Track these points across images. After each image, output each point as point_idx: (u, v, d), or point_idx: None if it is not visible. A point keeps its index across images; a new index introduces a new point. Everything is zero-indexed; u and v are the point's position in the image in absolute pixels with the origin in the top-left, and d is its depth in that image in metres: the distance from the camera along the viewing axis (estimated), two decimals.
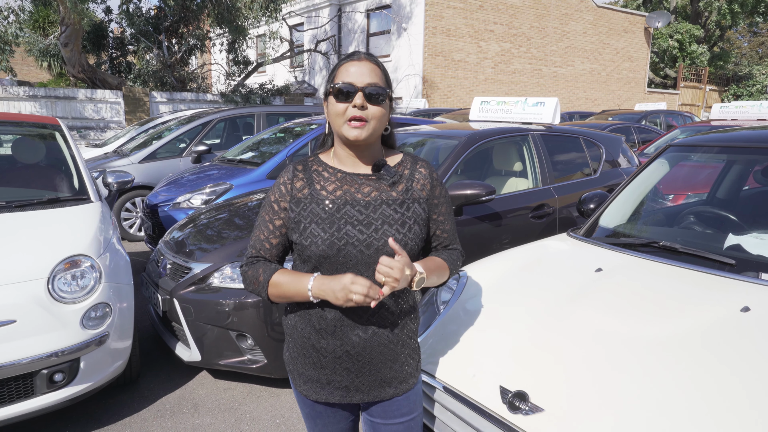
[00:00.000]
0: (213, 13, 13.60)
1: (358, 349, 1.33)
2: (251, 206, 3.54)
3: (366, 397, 1.37)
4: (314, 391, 1.38)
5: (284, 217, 1.34)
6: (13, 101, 11.45)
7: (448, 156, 3.55)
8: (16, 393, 2.30)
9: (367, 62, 1.28)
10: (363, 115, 1.25)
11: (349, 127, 1.26)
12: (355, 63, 1.27)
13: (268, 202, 1.37)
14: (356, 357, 1.33)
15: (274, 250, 1.36)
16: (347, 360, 1.33)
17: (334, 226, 1.28)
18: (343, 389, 1.36)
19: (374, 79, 1.26)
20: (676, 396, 1.40)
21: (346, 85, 1.24)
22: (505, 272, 2.25)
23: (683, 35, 25.06)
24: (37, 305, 2.29)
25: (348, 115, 1.25)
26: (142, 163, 6.39)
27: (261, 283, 1.32)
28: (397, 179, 1.35)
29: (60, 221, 2.78)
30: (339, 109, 1.26)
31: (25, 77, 21.77)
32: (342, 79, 1.26)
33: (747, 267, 1.93)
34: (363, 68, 1.26)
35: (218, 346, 2.80)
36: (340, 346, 1.33)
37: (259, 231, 1.37)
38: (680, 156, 2.76)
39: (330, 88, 1.28)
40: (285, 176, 1.36)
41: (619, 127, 8.74)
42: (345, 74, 1.26)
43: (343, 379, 1.35)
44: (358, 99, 1.24)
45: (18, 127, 3.62)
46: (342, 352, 1.33)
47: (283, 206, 1.34)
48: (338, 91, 1.25)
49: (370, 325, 1.33)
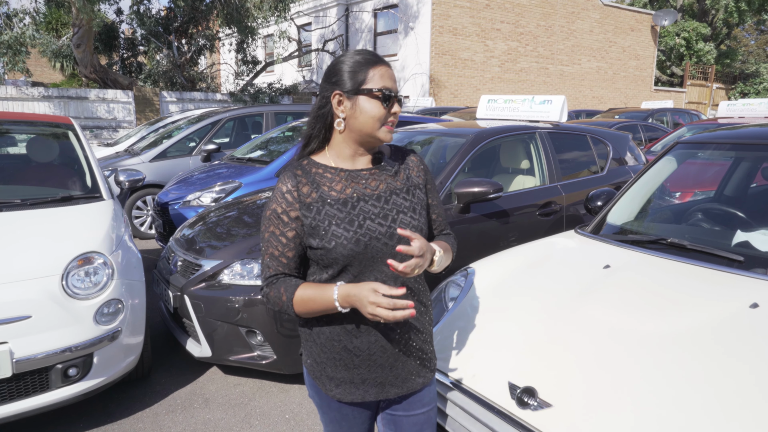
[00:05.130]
0: (222, 13, 13.68)
1: (391, 344, 1.33)
2: (260, 204, 3.57)
3: (400, 390, 1.37)
4: (349, 392, 1.35)
5: (297, 227, 1.29)
6: (28, 102, 11.61)
7: (455, 154, 3.56)
8: (32, 387, 2.34)
9: (390, 68, 1.33)
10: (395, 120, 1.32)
11: (387, 131, 1.30)
12: (387, 69, 1.31)
13: (275, 215, 1.30)
14: (390, 352, 1.33)
15: (292, 263, 1.31)
16: (381, 355, 1.33)
17: (355, 224, 1.28)
18: (378, 386, 1.35)
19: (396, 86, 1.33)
20: (686, 391, 1.40)
21: (389, 91, 1.28)
22: (512, 269, 2.26)
23: (690, 33, 24.85)
24: (51, 301, 2.33)
25: (387, 120, 1.30)
26: (152, 162, 6.44)
27: (285, 303, 1.28)
28: (397, 168, 1.39)
29: (73, 219, 2.83)
30: (380, 113, 1.28)
31: (39, 78, 22.00)
32: (383, 84, 1.28)
33: (756, 263, 1.93)
34: (393, 74, 1.32)
35: (228, 342, 2.84)
36: (375, 342, 1.32)
37: (272, 248, 1.30)
38: (688, 153, 2.75)
39: (366, 90, 1.26)
40: (287, 184, 1.30)
41: (625, 125, 8.69)
42: (384, 79, 1.29)
43: (378, 375, 1.34)
44: (396, 107, 1.31)
45: (32, 126, 3.67)
46: (377, 348, 1.32)
47: (294, 216, 1.29)
48: (382, 96, 1.27)
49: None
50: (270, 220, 1.31)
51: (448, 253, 1.41)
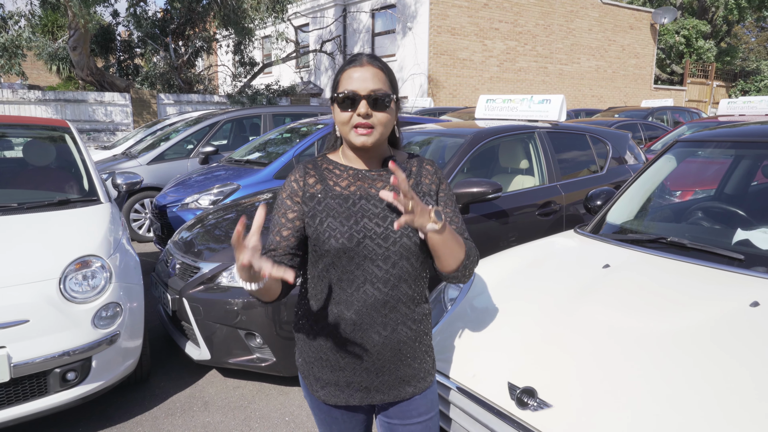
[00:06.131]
0: (219, 14, 13.67)
1: (378, 348, 1.31)
2: (258, 206, 3.55)
3: (386, 397, 1.34)
4: (333, 395, 1.34)
5: (298, 210, 1.32)
6: (24, 105, 11.58)
7: (454, 154, 3.55)
8: (30, 391, 2.33)
9: (369, 66, 1.25)
10: (369, 122, 1.23)
11: (356, 134, 1.24)
12: (358, 69, 1.25)
13: (280, 200, 1.35)
14: (376, 356, 1.31)
15: (284, 242, 1.30)
16: (367, 360, 1.31)
17: (352, 219, 1.28)
18: (363, 390, 1.33)
19: (378, 85, 1.24)
20: (686, 391, 1.39)
21: (350, 93, 1.22)
22: (512, 269, 2.25)
23: (690, 31, 24.86)
24: (49, 305, 2.32)
25: (353, 123, 1.24)
26: (150, 165, 6.43)
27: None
28: (407, 174, 1.36)
29: (70, 222, 2.82)
30: (344, 117, 1.24)
31: (35, 81, 21.98)
32: (345, 86, 1.24)
33: (756, 262, 1.92)
34: (366, 73, 1.24)
35: (227, 345, 2.83)
36: (360, 345, 1.30)
37: (272, 228, 1.34)
38: (688, 152, 2.74)
39: (334, 96, 1.26)
40: (296, 174, 1.35)
41: (625, 124, 8.69)
42: (348, 81, 1.24)
43: (363, 380, 1.32)
44: (362, 108, 1.22)
45: (28, 129, 3.66)
46: (362, 351, 1.31)
47: (296, 200, 1.32)
48: (342, 99, 1.23)
49: (390, 321, 1.31)
50: (276, 205, 1.37)
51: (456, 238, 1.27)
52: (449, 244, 1.25)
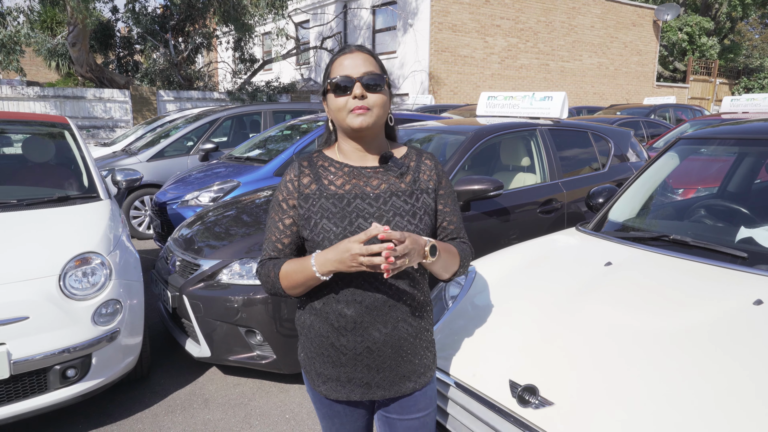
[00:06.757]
0: (219, 11, 13.63)
1: (379, 345, 1.31)
2: (258, 203, 3.55)
3: (387, 393, 1.35)
4: (334, 390, 1.36)
5: (293, 215, 1.33)
6: (23, 101, 11.56)
7: (455, 151, 3.54)
8: (31, 388, 2.33)
9: (359, 53, 1.28)
10: (364, 104, 1.25)
11: (354, 115, 1.25)
12: (348, 56, 1.28)
13: (276, 202, 1.35)
14: (377, 352, 1.31)
15: (287, 250, 1.35)
16: (368, 356, 1.31)
17: (346, 220, 1.28)
18: (364, 386, 1.34)
19: (369, 68, 1.26)
20: (686, 390, 1.39)
21: (343, 78, 1.24)
22: (513, 267, 2.24)
23: (693, 28, 24.77)
24: (49, 302, 2.31)
25: (350, 107, 1.25)
26: (150, 162, 6.42)
27: (272, 280, 1.31)
28: (404, 170, 1.35)
29: (70, 219, 2.81)
30: (339, 103, 1.26)
31: (34, 77, 21.94)
32: (338, 73, 1.26)
33: (759, 260, 1.91)
34: (356, 59, 1.27)
35: (228, 342, 2.82)
36: (360, 342, 1.31)
37: (270, 233, 1.36)
38: (690, 149, 2.73)
39: (328, 85, 1.28)
40: (291, 173, 1.35)
41: (627, 122, 8.68)
42: (340, 68, 1.27)
43: (364, 375, 1.33)
44: (357, 89, 1.24)
45: (28, 126, 3.65)
46: (363, 348, 1.31)
47: (292, 204, 1.33)
48: (336, 85, 1.25)
49: (390, 319, 1.31)
50: (273, 206, 1.37)
51: (450, 252, 1.34)
52: (442, 264, 1.31)
